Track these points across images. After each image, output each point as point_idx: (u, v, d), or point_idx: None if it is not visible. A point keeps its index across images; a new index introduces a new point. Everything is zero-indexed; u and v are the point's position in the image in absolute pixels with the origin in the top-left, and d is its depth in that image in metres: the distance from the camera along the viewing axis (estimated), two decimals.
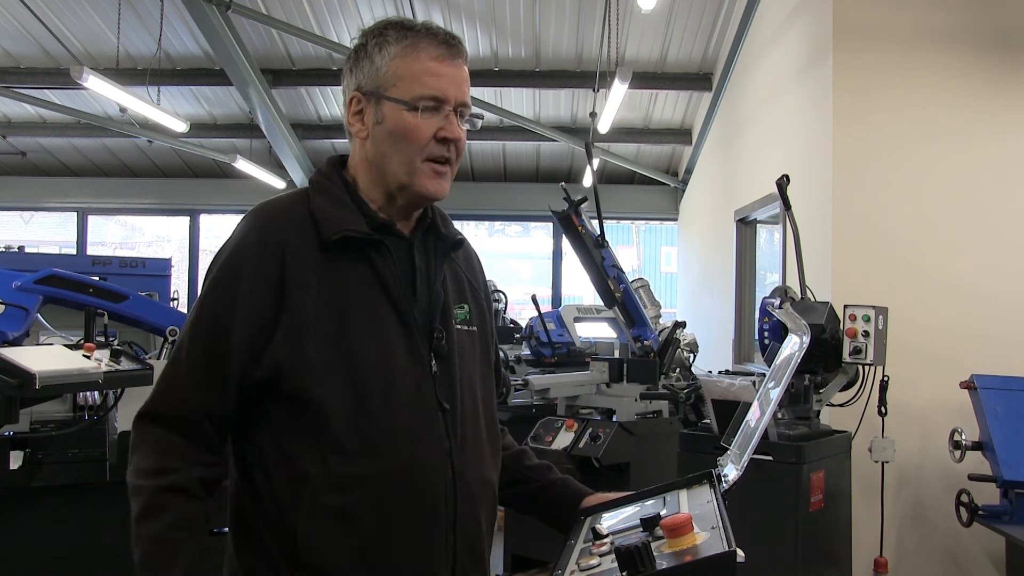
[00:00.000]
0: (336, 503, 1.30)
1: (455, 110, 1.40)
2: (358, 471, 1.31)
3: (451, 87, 1.40)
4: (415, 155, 1.39)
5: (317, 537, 1.30)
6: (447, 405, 1.39)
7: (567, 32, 7.71)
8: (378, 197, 1.43)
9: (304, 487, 1.30)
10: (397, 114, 1.38)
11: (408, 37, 1.40)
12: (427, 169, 1.40)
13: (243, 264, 1.35)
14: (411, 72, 1.38)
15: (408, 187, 1.41)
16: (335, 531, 1.30)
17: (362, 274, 1.38)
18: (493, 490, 1.49)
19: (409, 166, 1.39)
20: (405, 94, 1.38)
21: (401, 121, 1.38)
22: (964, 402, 3.59)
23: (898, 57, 4.31)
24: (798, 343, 1.56)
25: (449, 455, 1.37)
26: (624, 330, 4.51)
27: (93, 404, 2.97)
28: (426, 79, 1.38)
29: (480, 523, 1.43)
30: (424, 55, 1.39)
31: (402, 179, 1.40)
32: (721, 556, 1.05)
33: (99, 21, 7.49)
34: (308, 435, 1.31)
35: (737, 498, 1.31)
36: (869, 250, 4.23)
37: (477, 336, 1.51)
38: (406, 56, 1.39)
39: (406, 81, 1.38)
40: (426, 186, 1.40)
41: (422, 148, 1.39)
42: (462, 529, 1.39)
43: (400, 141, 1.39)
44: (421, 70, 1.38)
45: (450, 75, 1.40)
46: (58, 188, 10.82)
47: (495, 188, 10.66)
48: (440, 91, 1.39)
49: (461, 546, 1.39)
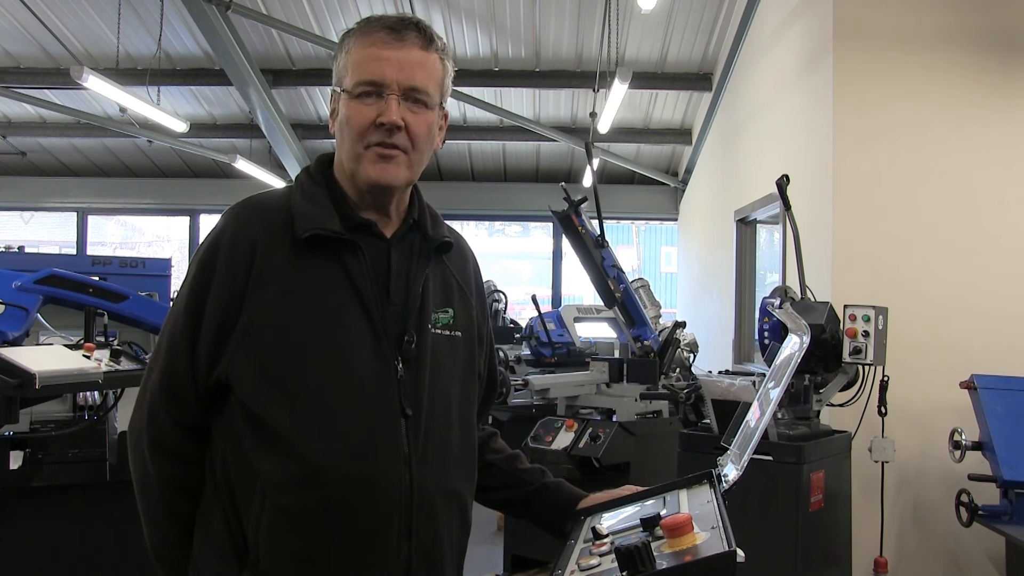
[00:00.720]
0: (285, 503, 1.29)
1: (403, 94, 1.36)
2: (307, 473, 1.29)
3: (391, 70, 1.35)
4: (357, 142, 1.37)
5: (264, 535, 1.29)
6: (410, 411, 1.35)
7: (567, 32, 7.71)
8: (353, 194, 1.42)
9: (256, 485, 1.30)
10: (344, 104, 1.38)
11: (364, 30, 1.39)
12: (370, 155, 1.37)
13: (215, 264, 1.35)
14: (356, 60, 1.37)
15: (356, 175, 1.39)
16: (282, 531, 1.29)
17: (332, 274, 1.36)
18: (461, 501, 1.44)
19: (352, 153, 1.38)
20: (349, 83, 1.37)
21: (346, 110, 1.37)
22: (964, 402, 3.59)
23: (898, 57, 4.31)
24: (798, 343, 1.56)
25: (407, 463, 1.34)
26: (624, 330, 4.51)
27: (93, 404, 2.96)
28: (366, 65, 1.36)
29: (440, 535, 1.38)
30: (371, 43, 1.37)
31: (351, 167, 1.39)
32: (721, 556, 1.05)
33: (99, 21, 7.49)
34: (261, 436, 1.31)
35: (737, 498, 1.31)
36: (869, 250, 4.23)
37: (460, 341, 1.47)
38: (357, 46, 1.38)
39: (352, 70, 1.37)
40: (368, 172, 1.37)
41: (362, 134, 1.36)
42: (418, 540, 1.34)
43: (345, 129, 1.38)
44: (364, 56, 1.37)
45: (392, 58, 1.36)
46: (58, 188, 10.83)
47: (495, 188, 10.66)
48: (377, 75, 1.35)
49: (417, 558, 1.35)
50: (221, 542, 1.33)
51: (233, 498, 1.33)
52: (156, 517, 1.38)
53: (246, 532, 1.31)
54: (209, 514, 1.36)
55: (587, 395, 4.19)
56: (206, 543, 1.36)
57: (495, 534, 5.11)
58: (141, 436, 1.37)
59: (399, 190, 1.42)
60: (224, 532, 1.33)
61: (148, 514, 1.38)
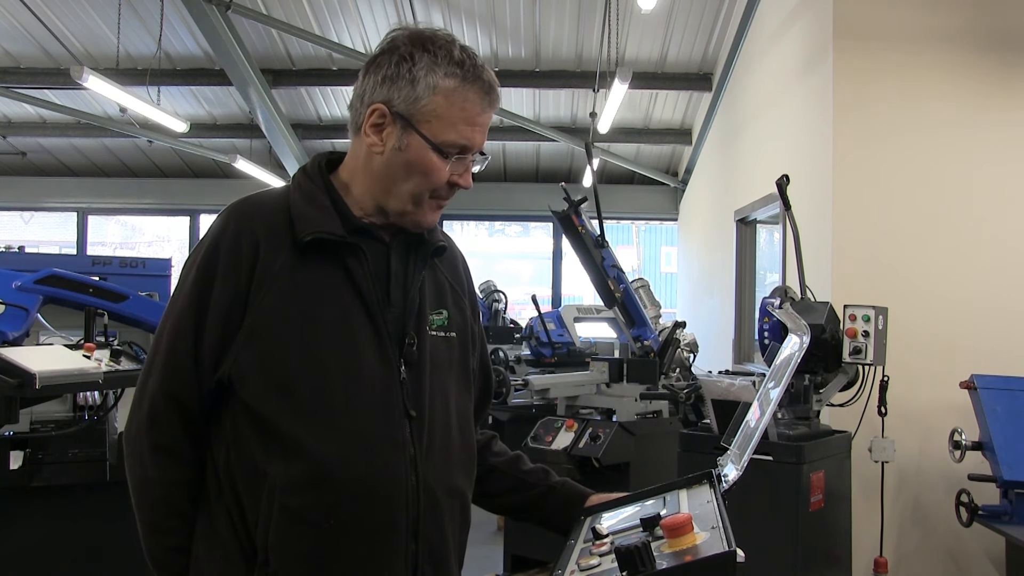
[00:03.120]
0: (293, 504, 1.29)
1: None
2: (316, 475, 1.30)
3: (479, 136, 1.39)
4: (426, 191, 1.38)
5: (272, 536, 1.29)
6: (414, 412, 1.37)
7: (567, 32, 7.71)
8: (369, 206, 1.41)
9: (263, 486, 1.30)
10: (423, 150, 1.35)
11: (457, 77, 1.35)
12: (432, 204, 1.41)
13: (216, 265, 1.34)
14: (450, 117, 1.35)
15: (407, 215, 1.40)
16: (291, 532, 1.29)
17: (334, 277, 1.36)
18: (463, 500, 1.46)
19: (416, 199, 1.39)
20: (437, 135, 1.35)
21: (425, 158, 1.36)
22: (964, 402, 3.59)
23: (898, 57, 4.30)
24: (798, 343, 1.56)
25: (413, 462, 1.35)
26: (624, 330, 4.51)
27: (93, 404, 2.96)
28: (462, 128, 1.36)
29: (445, 533, 1.40)
30: (469, 105, 1.36)
31: (406, 207, 1.39)
32: (721, 556, 1.05)
33: (99, 21, 7.49)
34: (266, 438, 1.31)
35: (737, 498, 1.31)
36: (869, 250, 4.23)
37: (455, 343, 1.49)
38: (451, 98, 1.35)
39: (443, 123, 1.35)
40: (427, 219, 1.41)
41: (436, 188, 1.39)
42: (425, 538, 1.36)
43: (416, 175, 1.37)
44: (460, 118, 1.36)
45: (483, 126, 1.39)
46: (58, 188, 10.83)
47: (495, 188, 10.66)
48: (471, 141, 1.38)
49: (423, 556, 1.36)
50: (226, 545, 1.33)
51: (238, 500, 1.32)
52: (156, 520, 1.37)
53: (253, 534, 1.31)
54: (213, 517, 1.35)
55: (587, 395, 4.19)
56: (210, 546, 1.35)
57: (495, 534, 5.11)
58: (141, 439, 1.36)
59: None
60: (230, 534, 1.33)
61: (147, 517, 1.37)
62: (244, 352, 1.32)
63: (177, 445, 1.36)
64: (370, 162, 1.39)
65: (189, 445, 1.37)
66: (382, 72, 1.36)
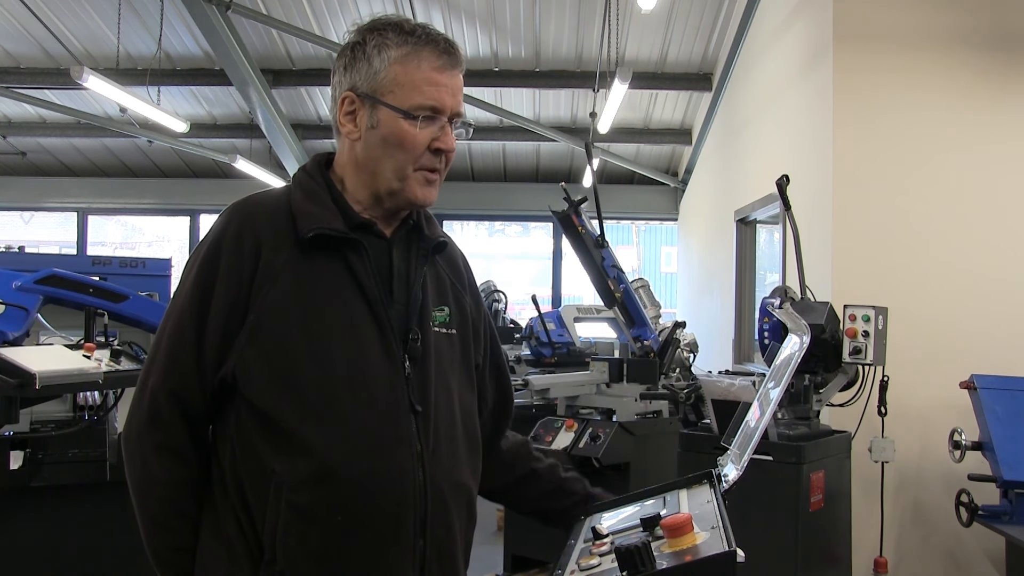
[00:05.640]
0: (300, 501, 1.29)
1: (449, 120, 1.41)
2: (323, 472, 1.30)
3: (448, 97, 1.39)
4: (408, 163, 1.39)
5: (280, 534, 1.29)
6: (419, 408, 1.37)
7: (567, 32, 7.71)
8: (364, 198, 1.42)
9: (270, 484, 1.30)
10: (393, 121, 1.37)
11: (409, 43, 1.38)
12: (419, 177, 1.40)
13: (218, 263, 1.34)
14: (411, 80, 1.37)
15: (398, 193, 1.41)
16: (298, 529, 1.29)
17: (337, 273, 1.37)
18: (469, 495, 1.47)
19: (401, 173, 1.39)
20: (403, 102, 1.37)
21: (397, 128, 1.37)
22: (964, 402, 3.59)
23: (898, 57, 4.30)
24: (798, 343, 1.56)
25: (420, 458, 1.36)
26: (624, 330, 4.51)
27: (93, 404, 2.97)
28: (425, 89, 1.38)
29: (452, 528, 1.41)
30: (425, 64, 1.38)
31: (393, 185, 1.40)
32: (721, 556, 1.05)
33: (99, 21, 7.50)
34: (271, 435, 1.31)
35: (737, 498, 1.31)
36: (869, 250, 4.23)
37: (456, 339, 1.50)
38: (407, 63, 1.38)
39: (405, 89, 1.37)
40: (416, 193, 1.41)
41: (416, 157, 1.39)
42: (432, 534, 1.37)
43: (394, 148, 1.38)
44: (421, 79, 1.38)
45: (448, 85, 1.40)
46: (58, 188, 10.83)
47: (495, 188, 10.66)
48: (438, 101, 1.38)
49: (431, 551, 1.37)
50: (232, 542, 1.33)
51: (244, 498, 1.32)
52: (160, 519, 1.37)
53: (260, 532, 1.31)
54: (218, 515, 1.35)
55: (587, 395, 4.19)
56: (215, 544, 1.35)
57: (495, 534, 5.11)
58: (142, 438, 1.36)
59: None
60: (236, 532, 1.33)
61: (149, 516, 1.37)
62: (247, 350, 1.32)
63: (180, 444, 1.36)
64: (353, 152, 1.42)
65: (191, 444, 1.37)
66: (343, 64, 1.43)
